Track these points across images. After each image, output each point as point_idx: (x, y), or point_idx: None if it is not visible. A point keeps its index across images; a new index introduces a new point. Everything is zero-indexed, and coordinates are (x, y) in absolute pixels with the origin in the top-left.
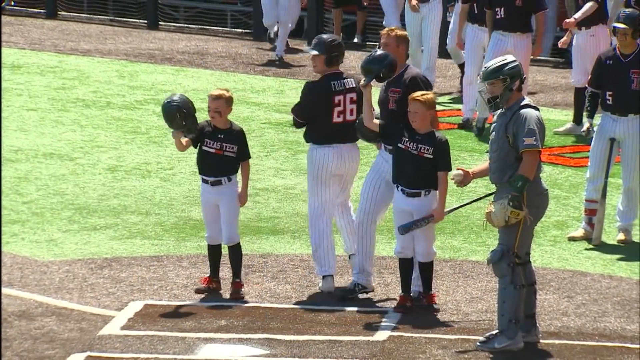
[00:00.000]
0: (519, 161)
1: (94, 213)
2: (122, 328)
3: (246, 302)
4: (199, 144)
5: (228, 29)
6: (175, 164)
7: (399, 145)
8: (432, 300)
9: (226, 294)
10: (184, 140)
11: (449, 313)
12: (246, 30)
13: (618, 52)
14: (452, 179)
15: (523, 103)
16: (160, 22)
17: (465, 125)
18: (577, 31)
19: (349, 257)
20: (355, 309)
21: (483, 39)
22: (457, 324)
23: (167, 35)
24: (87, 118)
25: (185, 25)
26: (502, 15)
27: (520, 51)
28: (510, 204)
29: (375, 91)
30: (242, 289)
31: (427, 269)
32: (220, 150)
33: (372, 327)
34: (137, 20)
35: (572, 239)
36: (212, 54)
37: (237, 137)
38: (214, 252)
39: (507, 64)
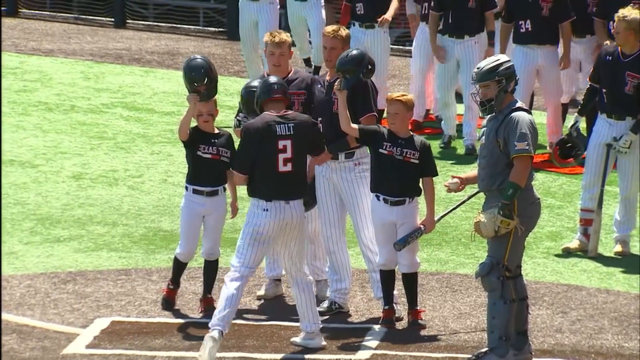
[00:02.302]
0: (510, 167)
1: (58, 224)
2: (88, 346)
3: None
4: (190, 149)
5: (200, 27)
6: (144, 172)
7: (381, 150)
8: (417, 316)
9: (186, 309)
10: (193, 115)
11: (435, 330)
12: (220, 29)
13: (619, 49)
14: (446, 186)
15: (515, 106)
16: (127, 20)
17: (448, 145)
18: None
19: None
20: (336, 325)
21: (456, 52)
22: (445, 341)
23: (135, 34)
24: (49, 122)
25: (155, 23)
26: (529, 28)
27: (552, 65)
28: (501, 212)
29: None
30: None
31: (411, 281)
32: (217, 156)
33: (354, 345)
34: (103, 19)
35: (567, 251)
36: (183, 54)
37: (229, 141)
38: (182, 267)
39: (501, 64)
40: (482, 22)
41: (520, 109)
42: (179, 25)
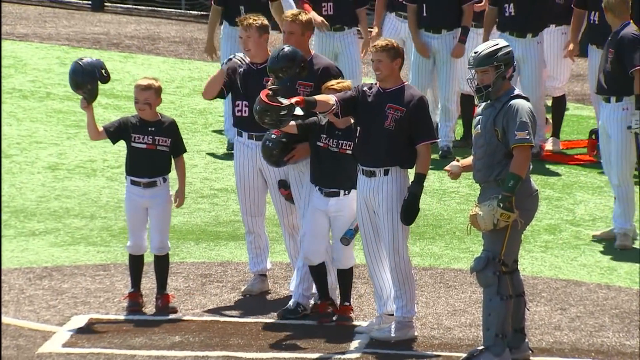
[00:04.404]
0: (508, 157)
1: (33, 217)
2: (64, 345)
3: (181, 313)
4: (120, 140)
5: (182, 11)
6: (123, 162)
7: (318, 143)
8: (346, 312)
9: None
10: (93, 119)
11: (429, 327)
12: (202, 13)
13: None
14: (447, 170)
15: (514, 94)
16: (106, 3)
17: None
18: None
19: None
20: (328, 323)
21: (433, 48)
22: (438, 339)
23: (113, 18)
24: (24, 110)
25: (134, 6)
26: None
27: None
28: (501, 205)
29: None
30: (174, 300)
31: (345, 277)
32: (152, 145)
33: (343, 343)
34: (80, 1)
35: (597, 238)
36: (164, 38)
37: (170, 129)
38: (138, 263)
39: (500, 49)
40: (460, 16)
41: (519, 96)
42: (159, 9)
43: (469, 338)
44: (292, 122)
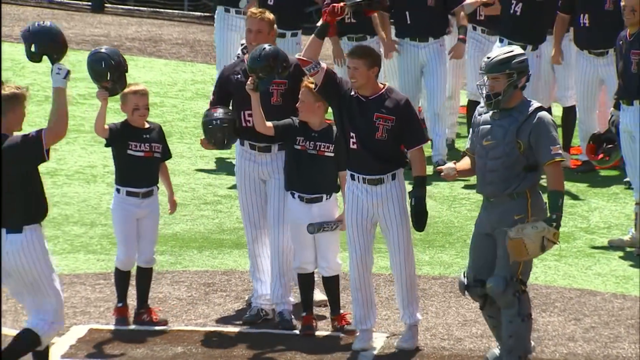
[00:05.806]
0: (526, 171)
1: None
2: (63, 356)
3: (184, 323)
4: (118, 147)
5: (184, 12)
6: None
7: (295, 146)
8: (342, 321)
9: (169, 316)
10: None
11: (439, 338)
12: (205, 14)
13: (628, 31)
14: (441, 170)
15: (536, 105)
16: (106, 4)
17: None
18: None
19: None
20: (333, 333)
21: (420, 57)
22: (449, 350)
23: (114, 20)
24: None
25: (135, 7)
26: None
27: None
28: (554, 224)
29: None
30: (167, 311)
31: (332, 285)
32: (149, 152)
33: (350, 355)
34: (80, 2)
35: (613, 244)
36: (166, 40)
37: (160, 134)
38: (126, 277)
39: (514, 56)
40: (444, 23)
41: (542, 108)
42: (161, 10)
43: (480, 349)
44: (269, 124)
